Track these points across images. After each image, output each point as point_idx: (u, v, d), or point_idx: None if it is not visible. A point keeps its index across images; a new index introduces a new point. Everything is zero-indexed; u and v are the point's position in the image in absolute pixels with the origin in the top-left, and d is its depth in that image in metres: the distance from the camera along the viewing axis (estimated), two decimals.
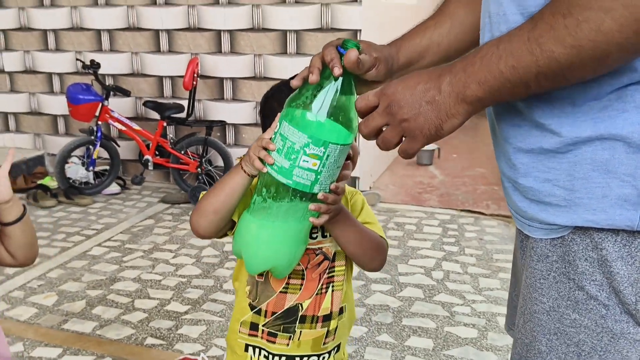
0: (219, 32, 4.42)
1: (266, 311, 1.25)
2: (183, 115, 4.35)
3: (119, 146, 4.52)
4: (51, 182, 4.51)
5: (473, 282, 3.06)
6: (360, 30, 4.05)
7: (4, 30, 5.05)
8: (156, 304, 2.81)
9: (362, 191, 4.31)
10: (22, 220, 1.29)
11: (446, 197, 4.45)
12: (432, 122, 0.82)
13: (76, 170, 4.48)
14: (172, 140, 4.43)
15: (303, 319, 1.26)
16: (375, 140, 0.91)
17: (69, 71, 4.91)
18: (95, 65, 4.29)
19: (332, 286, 1.29)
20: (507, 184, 0.91)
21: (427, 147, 5.32)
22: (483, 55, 0.77)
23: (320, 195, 1.05)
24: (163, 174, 4.83)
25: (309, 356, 1.29)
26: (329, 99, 0.97)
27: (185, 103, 4.36)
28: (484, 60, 0.77)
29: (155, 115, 4.49)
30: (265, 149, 1.03)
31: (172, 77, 4.66)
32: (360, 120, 0.92)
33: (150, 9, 4.57)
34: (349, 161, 1.15)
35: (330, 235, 1.27)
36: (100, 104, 4.29)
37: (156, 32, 4.61)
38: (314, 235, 1.26)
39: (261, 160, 1.04)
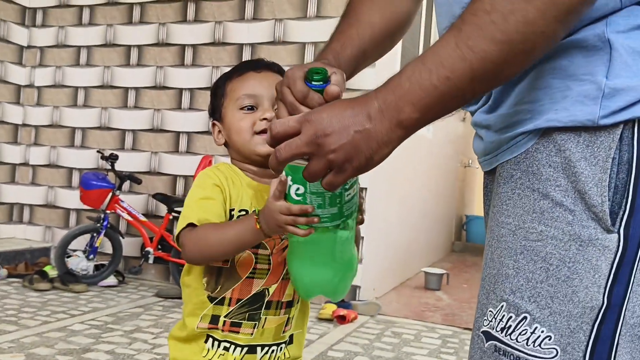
0: None
1: (230, 299, 1.18)
2: None
3: (123, 238, 4.53)
4: (51, 271, 4.48)
5: None
6: None
7: (35, 126, 5.36)
8: None
9: (361, 300, 4.17)
10: None
11: (450, 317, 4.24)
12: (362, 153, 0.77)
13: (78, 262, 4.47)
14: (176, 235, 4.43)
15: (269, 305, 1.20)
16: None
17: (90, 167, 5.10)
18: (113, 157, 4.47)
19: None
20: (480, 132, 0.92)
21: (435, 271, 5.20)
22: (410, 75, 0.74)
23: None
24: (163, 272, 4.76)
25: (269, 345, 1.22)
26: None
27: None
28: (412, 79, 0.74)
29: (163, 213, 4.55)
30: (300, 215, 0.98)
31: (185, 177, 4.79)
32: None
33: (174, 113, 4.85)
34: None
35: None
36: (111, 192, 4.39)
37: (177, 134, 4.84)
38: None
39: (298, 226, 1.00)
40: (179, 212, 4.40)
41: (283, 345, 1.24)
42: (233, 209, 1.19)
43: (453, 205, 7.87)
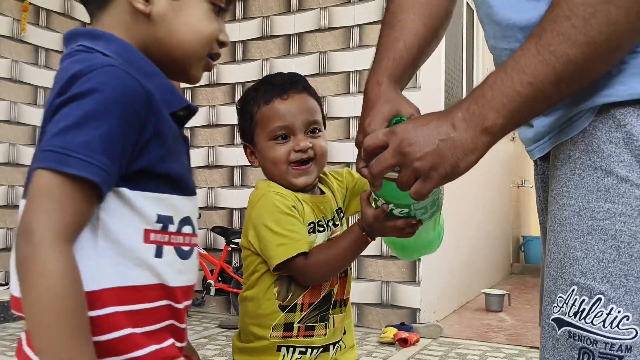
0: None
1: (302, 304, 1.23)
2: None
3: None
4: None
5: None
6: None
7: None
8: None
9: (422, 323, 4.15)
10: None
11: (515, 337, 4.16)
12: (447, 160, 0.80)
13: None
14: (235, 266, 4.55)
15: (335, 304, 1.27)
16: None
17: None
18: None
19: (348, 269, 1.32)
20: (536, 123, 0.91)
21: (496, 292, 5.12)
22: (492, 84, 0.77)
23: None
24: (224, 303, 4.86)
25: (337, 342, 1.29)
26: None
27: None
28: (494, 88, 0.77)
29: (221, 246, 4.68)
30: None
31: (241, 209, 4.93)
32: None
33: (228, 149, 5.02)
34: None
35: (340, 225, 1.30)
36: None
37: (231, 169, 5.00)
38: (337, 223, 1.29)
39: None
40: (237, 244, 4.52)
41: (340, 339, 1.30)
42: None
43: (509, 226, 7.74)
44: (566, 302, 0.79)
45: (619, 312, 0.74)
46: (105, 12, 0.82)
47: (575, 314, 0.78)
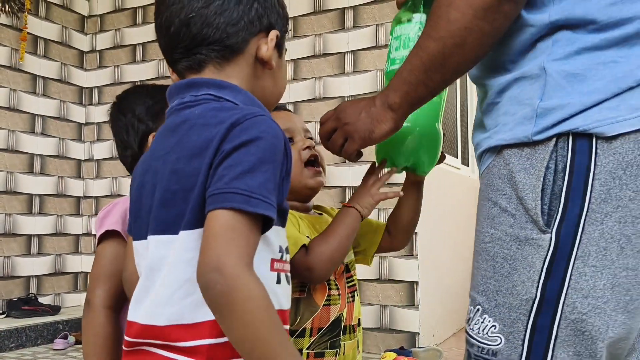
0: None
1: (312, 329, 1.21)
2: None
3: None
4: None
5: None
6: None
7: (96, 197, 5.64)
8: None
9: (421, 347, 4.13)
10: None
11: None
12: (366, 127, 1.06)
13: None
14: None
15: (344, 330, 1.25)
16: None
17: None
18: None
19: (356, 294, 1.33)
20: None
21: None
22: (398, 71, 1.01)
23: None
24: None
25: None
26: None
27: None
28: (398, 73, 1.01)
29: None
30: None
31: None
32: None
33: None
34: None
35: None
36: None
37: None
38: None
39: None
40: None
41: None
42: None
43: None
44: (468, 311, 0.95)
45: (489, 321, 0.88)
46: (229, 64, 0.95)
47: (467, 322, 0.94)
